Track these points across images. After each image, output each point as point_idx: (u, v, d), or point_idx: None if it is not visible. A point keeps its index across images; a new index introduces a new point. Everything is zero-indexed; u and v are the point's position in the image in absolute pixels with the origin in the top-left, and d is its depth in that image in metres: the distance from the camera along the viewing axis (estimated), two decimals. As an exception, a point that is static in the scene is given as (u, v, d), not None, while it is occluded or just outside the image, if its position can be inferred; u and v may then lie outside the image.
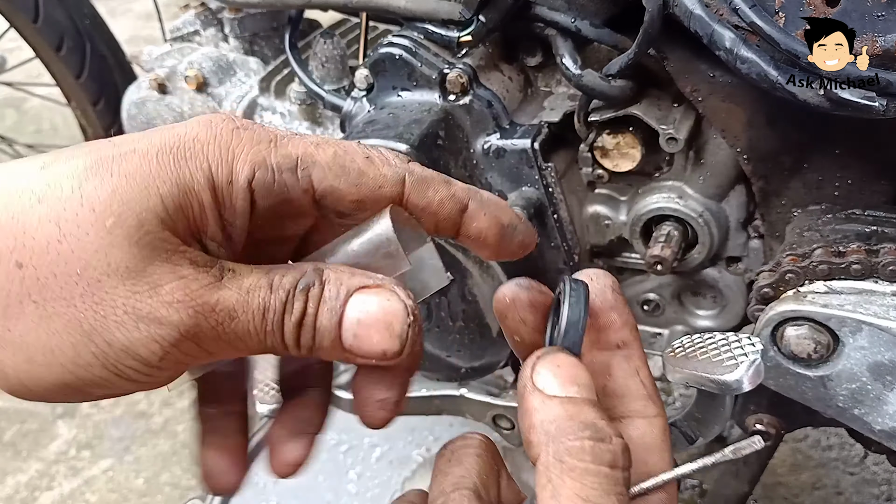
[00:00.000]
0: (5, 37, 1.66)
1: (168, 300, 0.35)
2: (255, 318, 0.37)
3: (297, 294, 0.38)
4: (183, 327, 0.36)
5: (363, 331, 0.38)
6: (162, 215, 0.35)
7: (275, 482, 1.28)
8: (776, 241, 0.82)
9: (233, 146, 0.37)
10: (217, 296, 0.36)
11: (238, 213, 0.38)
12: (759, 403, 0.85)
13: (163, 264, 0.35)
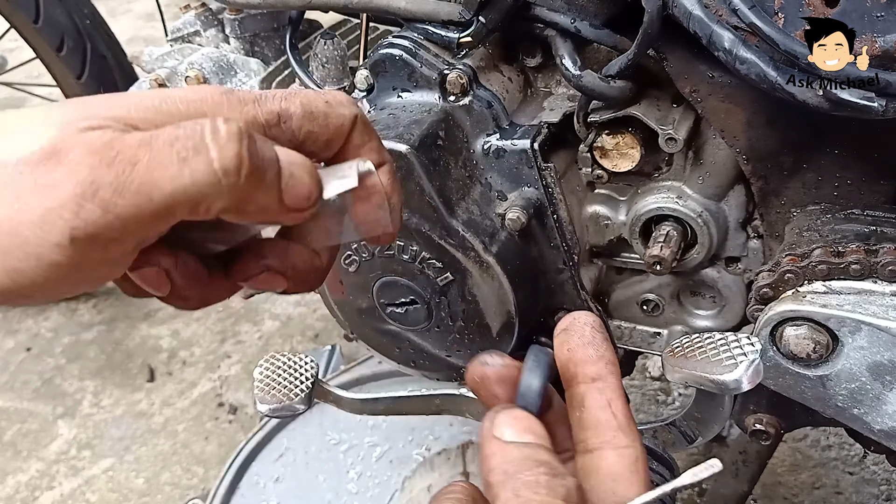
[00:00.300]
0: (6, 37, 1.66)
1: (69, 165, 0.34)
2: (164, 151, 0.35)
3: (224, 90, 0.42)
4: (80, 186, 0.34)
5: (293, 180, 0.41)
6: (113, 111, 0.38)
7: (275, 481, 1.28)
8: (775, 241, 0.82)
9: (223, 104, 0.41)
10: (119, 142, 0.35)
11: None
12: (758, 403, 0.85)
13: (75, 135, 0.35)
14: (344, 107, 0.45)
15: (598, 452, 0.44)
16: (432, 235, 0.81)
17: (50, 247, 0.34)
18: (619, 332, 0.97)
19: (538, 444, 0.41)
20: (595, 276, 0.94)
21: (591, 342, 0.46)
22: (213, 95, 0.41)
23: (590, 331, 0.47)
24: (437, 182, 0.80)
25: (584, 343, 0.46)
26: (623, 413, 0.44)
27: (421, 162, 0.78)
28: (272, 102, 0.42)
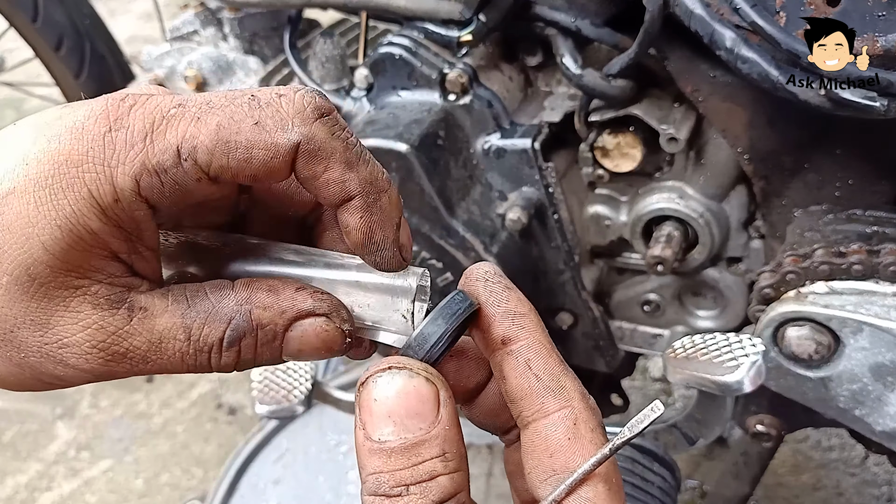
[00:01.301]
0: (5, 37, 1.66)
1: (77, 353, 0.36)
2: (173, 361, 0.36)
3: (225, 347, 0.36)
4: (94, 373, 0.36)
5: (304, 355, 0.38)
6: (50, 262, 0.34)
7: (274, 483, 1.28)
8: (777, 241, 0.82)
9: (106, 158, 0.34)
10: (126, 344, 0.36)
11: (139, 223, 0.35)
12: (759, 404, 0.84)
13: (65, 313, 0.35)
14: (282, 130, 0.35)
15: (532, 426, 0.37)
16: (432, 235, 0.81)
17: None
18: (621, 332, 0.97)
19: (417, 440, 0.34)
20: (596, 277, 0.94)
21: (489, 299, 0.38)
22: (92, 150, 0.34)
23: (483, 286, 0.38)
24: (437, 182, 0.79)
25: (488, 303, 0.38)
26: (548, 372, 0.37)
27: (421, 161, 0.77)
28: (171, 131, 0.34)
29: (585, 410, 0.36)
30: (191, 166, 0.34)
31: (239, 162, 0.34)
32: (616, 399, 1.13)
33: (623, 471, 0.66)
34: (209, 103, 0.35)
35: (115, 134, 0.34)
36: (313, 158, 0.35)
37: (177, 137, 0.34)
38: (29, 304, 0.35)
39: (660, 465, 0.68)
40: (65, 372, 0.36)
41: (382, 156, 0.78)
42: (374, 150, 0.78)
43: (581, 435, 0.36)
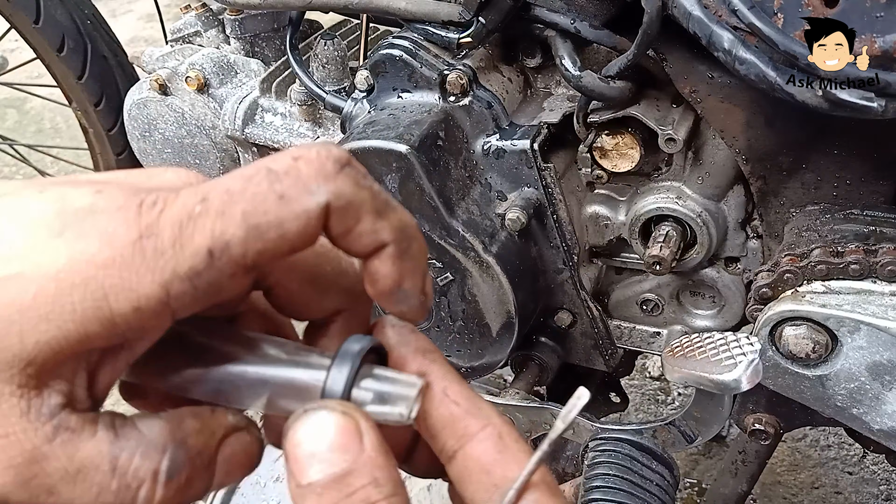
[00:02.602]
0: (6, 37, 1.66)
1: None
2: (85, 498, 0.33)
3: (161, 481, 0.34)
4: (5, 489, 0.32)
5: (230, 475, 0.37)
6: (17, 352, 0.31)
7: (276, 481, 1.28)
8: (775, 241, 0.82)
9: (136, 265, 0.32)
10: (37, 468, 0.32)
11: (148, 331, 0.34)
12: (757, 403, 0.85)
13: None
14: (308, 195, 0.33)
15: (460, 452, 0.36)
16: (432, 235, 0.81)
17: None
18: (619, 331, 0.97)
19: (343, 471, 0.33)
20: (595, 276, 0.94)
21: (400, 340, 0.38)
22: (120, 256, 0.32)
23: (392, 330, 0.38)
24: (437, 182, 0.80)
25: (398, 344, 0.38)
26: (463, 396, 0.37)
27: (421, 162, 0.78)
28: (201, 233, 0.32)
29: (505, 425, 0.37)
30: (225, 263, 0.33)
31: (274, 241, 0.33)
32: (615, 398, 1.14)
33: (621, 469, 0.67)
34: (229, 191, 0.33)
35: (146, 242, 0.32)
36: (345, 213, 0.34)
37: (206, 239, 0.32)
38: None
39: (658, 462, 0.69)
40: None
41: (382, 156, 0.78)
42: (375, 151, 0.78)
43: (509, 446, 0.36)
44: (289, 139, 1.09)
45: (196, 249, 0.32)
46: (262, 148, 1.13)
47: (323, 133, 1.08)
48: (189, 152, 1.16)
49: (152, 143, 1.19)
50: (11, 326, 0.31)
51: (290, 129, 1.09)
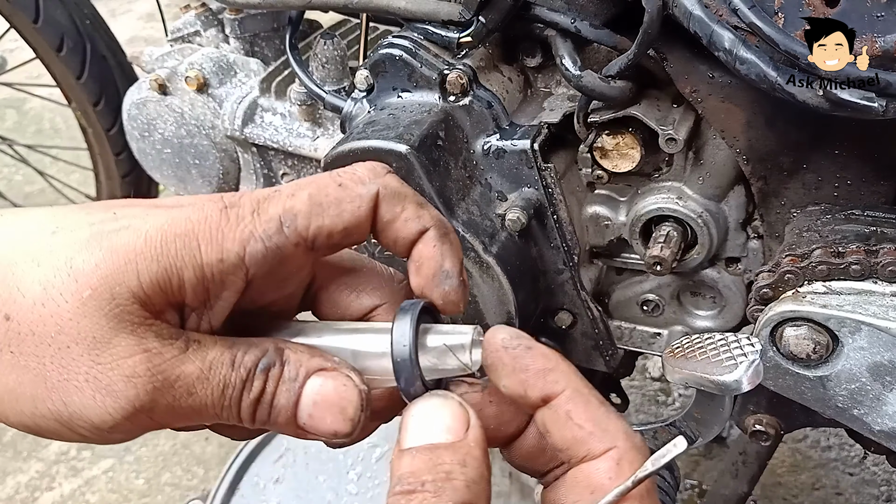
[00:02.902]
0: (5, 37, 1.66)
1: (128, 374, 0.38)
2: (214, 394, 0.39)
3: (257, 373, 0.40)
4: (137, 402, 0.38)
5: (317, 412, 0.40)
6: (135, 290, 0.38)
7: (275, 482, 1.28)
8: (775, 241, 0.82)
9: (221, 226, 0.39)
10: (179, 370, 0.38)
11: (228, 286, 0.40)
12: (758, 404, 0.85)
13: (128, 336, 0.38)
14: (362, 185, 0.41)
15: (578, 466, 0.40)
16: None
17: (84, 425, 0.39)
18: (619, 332, 0.97)
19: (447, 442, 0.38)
20: (595, 277, 0.94)
21: (517, 365, 0.40)
22: (209, 217, 0.39)
23: (505, 353, 0.41)
24: (437, 182, 0.79)
25: (511, 371, 0.40)
26: (588, 418, 0.40)
27: (421, 162, 0.78)
28: (272, 206, 0.40)
29: (630, 450, 0.39)
30: (291, 232, 0.40)
31: (332, 218, 0.40)
32: (615, 398, 1.13)
33: (622, 470, 0.67)
34: (298, 184, 0.41)
35: (230, 210, 0.40)
36: (392, 201, 0.42)
37: (278, 210, 0.40)
38: (98, 321, 0.37)
39: (658, 464, 0.69)
40: (99, 403, 0.38)
41: (382, 156, 0.78)
42: (375, 151, 0.78)
43: (623, 474, 0.39)
44: (288, 139, 1.08)
45: (270, 217, 0.40)
46: (261, 148, 1.13)
47: (322, 133, 1.08)
48: (188, 152, 1.16)
49: (151, 142, 1.19)
50: (128, 265, 0.38)
51: (289, 129, 1.09)
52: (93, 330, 0.37)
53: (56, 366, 0.38)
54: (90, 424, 0.38)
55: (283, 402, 0.40)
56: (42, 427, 0.39)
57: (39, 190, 2.45)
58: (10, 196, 2.18)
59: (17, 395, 0.38)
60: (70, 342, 0.37)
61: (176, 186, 1.22)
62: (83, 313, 0.37)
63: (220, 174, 1.17)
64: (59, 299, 0.37)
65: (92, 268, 0.38)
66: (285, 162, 1.13)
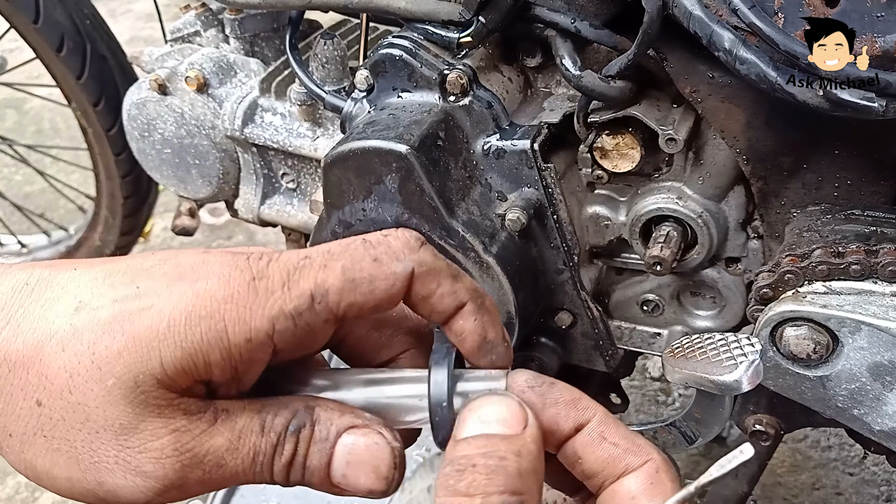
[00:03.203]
0: (5, 37, 1.66)
1: (156, 456, 0.38)
2: (245, 462, 0.39)
3: (288, 436, 0.40)
4: (167, 480, 0.39)
5: (351, 471, 0.40)
6: (159, 376, 0.38)
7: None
8: (775, 241, 0.82)
9: (249, 301, 0.38)
10: (208, 445, 0.39)
11: (255, 363, 0.40)
12: (758, 404, 0.85)
13: (155, 419, 0.38)
14: (397, 261, 0.40)
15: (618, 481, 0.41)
16: (432, 236, 0.81)
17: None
18: (619, 332, 0.97)
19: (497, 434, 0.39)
20: (595, 277, 0.94)
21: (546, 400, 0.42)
22: (237, 293, 0.38)
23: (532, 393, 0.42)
24: (437, 182, 0.79)
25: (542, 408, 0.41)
26: (621, 436, 0.41)
27: (421, 162, 0.78)
28: (305, 280, 0.39)
29: (665, 461, 0.41)
30: (322, 308, 0.39)
31: (364, 295, 0.40)
32: (615, 398, 1.13)
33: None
34: (329, 252, 0.40)
35: (258, 283, 0.39)
36: (427, 278, 0.41)
37: (310, 284, 0.39)
38: (124, 408, 0.38)
39: (659, 464, 0.69)
40: (131, 483, 0.38)
41: (382, 156, 0.78)
42: (375, 151, 0.78)
43: (662, 482, 0.40)
44: (288, 139, 1.08)
45: (301, 292, 0.39)
46: (261, 148, 1.13)
47: (323, 133, 1.08)
48: (188, 152, 1.16)
49: (151, 143, 1.19)
50: (151, 352, 0.38)
51: (289, 129, 1.09)
52: (119, 417, 0.38)
53: (87, 450, 0.38)
54: (126, 501, 0.39)
55: (316, 463, 0.40)
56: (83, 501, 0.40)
57: (39, 190, 2.45)
58: (10, 196, 2.18)
59: (53, 476, 0.39)
60: (98, 428, 0.38)
61: (176, 187, 1.22)
62: (108, 401, 0.38)
63: (220, 174, 1.17)
64: (84, 387, 0.38)
65: (115, 355, 0.38)
66: (285, 162, 1.13)
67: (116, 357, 0.38)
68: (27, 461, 0.40)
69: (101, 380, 0.38)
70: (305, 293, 0.39)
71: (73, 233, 1.97)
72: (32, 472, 0.40)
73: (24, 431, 0.39)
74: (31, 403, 0.39)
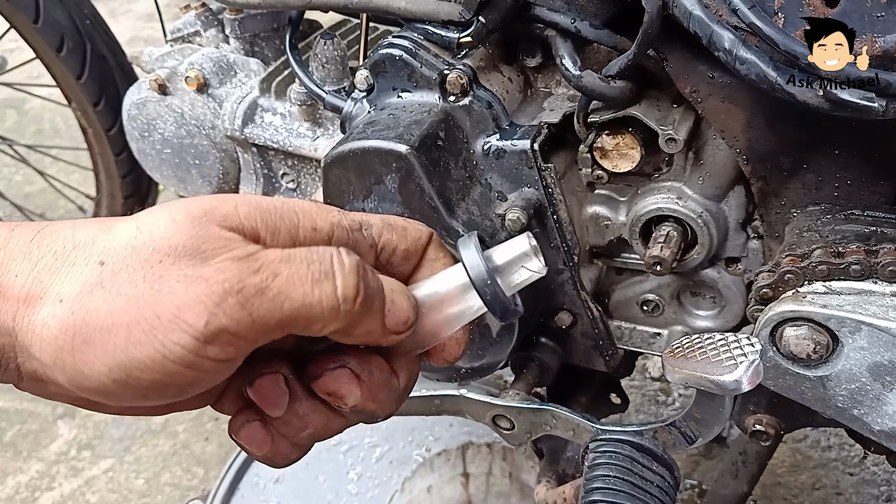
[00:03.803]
0: (5, 37, 1.66)
1: (217, 264, 0.39)
2: (300, 272, 0.40)
3: (365, 227, 0.47)
4: (227, 283, 0.38)
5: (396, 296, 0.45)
6: (230, 213, 0.41)
7: (275, 482, 1.28)
8: (775, 241, 0.82)
9: (314, 210, 0.45)
10: (261, 258, 0.40)
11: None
12: (758, 404, 0.85)
13: (216, 239, 0.40)
14: (420, 225, 0.50)
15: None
16: (432, 236, 0.81)
17: (180, 334, 0.38)
18: (619, 332, 0.97)
19: None
20: (595, 277, 0.94)
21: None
22: (306, 204, 0.45)
23: None
24: (437, 182, 0.79)
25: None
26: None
27: (421, 162, 0.78)
28: (355, 215, 0.47)
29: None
30: (368, 235, 0.47)
31: (398, 237, 0.48)
32: (615, 398, 1.13)
33: (622, 470, 0.67)
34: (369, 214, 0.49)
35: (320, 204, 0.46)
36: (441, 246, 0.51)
37: (358, 217, 0.47)
38: (189, 232, 0.40)
39: (659, 464, 0.69)
40: (193, 293, 0.38)
41: (382, 156, 0.78)
42: (375, 151, 0.78)
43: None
44: (288, 139, 1.09)
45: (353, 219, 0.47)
46: (261, 148, 1.13)
47: (322, 133, 1.08)
48: (188, 152, 1.16)
49: (151, 143, 1.19)
50: (227, 200, 0.42)
51: (289, 129, 1.09)
52: (184, 240, 0.39)
53: (149, 281, 0.38)
54: (185, 328, 0.38)
55: (373, 289, 0.43)
56: (136, 361, 0.38)
57: (40, 190, 2.45)
58: (10, 196, 2.18)
59: (110, 329, 0.38)
60: (162, 256, 0.39)
61: (176, 186, 1.22)
62: (175, 230, 0.40)
63: (220, 174, 1.17)
64: (151, 227, 0.40)
65: (190, 201, 0.41)
66: (285, 162, 1.13)
67: (191, 202, 0.41)
68: (78, 321, 0.38)
69: (170, 217, 0.40)
70: (356, 219, 0.46)
71: (73, 233, 1.97)
72: (83, 334, 0.38)
73: (80, 290, 0.39)
74: (93, 265, 0.40)
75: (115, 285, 0.39)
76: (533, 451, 1.08)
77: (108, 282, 0.39)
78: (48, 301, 0.39)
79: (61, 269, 0.40)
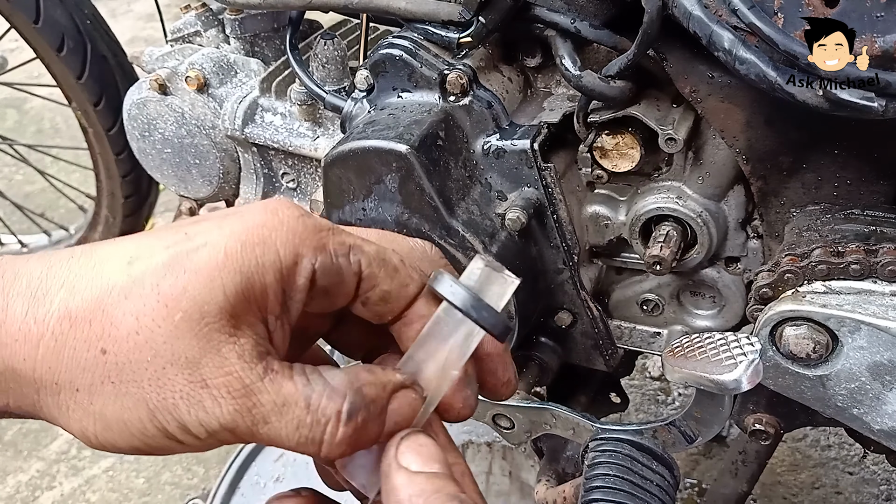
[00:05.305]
0: (6, 37, 1.66)
1: (214, 394, 0.40)
2: (288, 430, 0.41)
3: (344, 421, 0.42)
4: (222, 420, 0.40)
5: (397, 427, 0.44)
6: (223, 305, 0.40)
7: (276, 481, 1.28)
8: (775, 241, 0.82)
9: (299, 232, 0.42)
10: (255, 399, 0.40)
11: (298, 288, 0.42)
12: (757, 403, 0.85)
13: (214, 357, 0.40)
14: (416, 273, 0.47)
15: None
16: (432, 236, 0.81)
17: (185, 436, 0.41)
18: (619, 331, 0.97)
19: (444, 473, 0.42)
20: (595, 276, 0.94)
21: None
22: (287, 223, 0.42)
23: None
24: (437, 182, 0.80)
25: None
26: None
27: (421, 162, 0.78)
28: (345, 235, 0.44)
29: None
30: (355, 262, 0.44)
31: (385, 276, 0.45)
32: (615, 398, 1.13)
33: (622, 469, 0.67)
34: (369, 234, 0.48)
35: (307, 219, 0.43)
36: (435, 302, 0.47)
37: (350, 240, 0.44)
38: (190, 342, 0.40)
39: (658, 463, 0.69)
40: (194, 418, 0.40)
41: (382, 156, 0.78)
42: (375, 151, 0.78)
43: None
44: (289, 139, 1.09)
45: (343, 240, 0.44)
46: (261, 148, 1.13)
47: (323, 133, 1.08)
48: (189, 152, 1.16)
49: (152, 142, 1.19)
50: (213, 283, 0.40)
51: (289, 129, 1.09)
52: (185, 351, 0.40)
53: (155, 387, 0.40)
54: (192, 435, 0.41)
55: (371, 435, 0.43)
56: (151, 445, 0.41)
57: (40, 190, 2.45)
58: (10, 196, 2.18)
59: (124, 422, 0.40)
60: (165, 364, 0.40)
61: (176, 186, 1.22)
62: (176, 336, 0.39)
63: (221, 174, 1.17)
64: (152, 325, 0.39)
65: (180, 291, 0.40)
66: (285, 162, 1.13)
67: (182, 293, 0.39)
68: (97, 412, 0.40)
69: (168, 316, 0.39)
70: (346, 243, 0.44)
71: (73, 232, 1.97)
72: (103, 422, 0.41)
73: (91, 382, 0.40)
74: (96, 353, 0.40)
75: (123, 383, 0.40)
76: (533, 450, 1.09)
77: (115, 377, 0.40)
78: (65, 389, 0.41)
79: (63, 354, 0.40)
